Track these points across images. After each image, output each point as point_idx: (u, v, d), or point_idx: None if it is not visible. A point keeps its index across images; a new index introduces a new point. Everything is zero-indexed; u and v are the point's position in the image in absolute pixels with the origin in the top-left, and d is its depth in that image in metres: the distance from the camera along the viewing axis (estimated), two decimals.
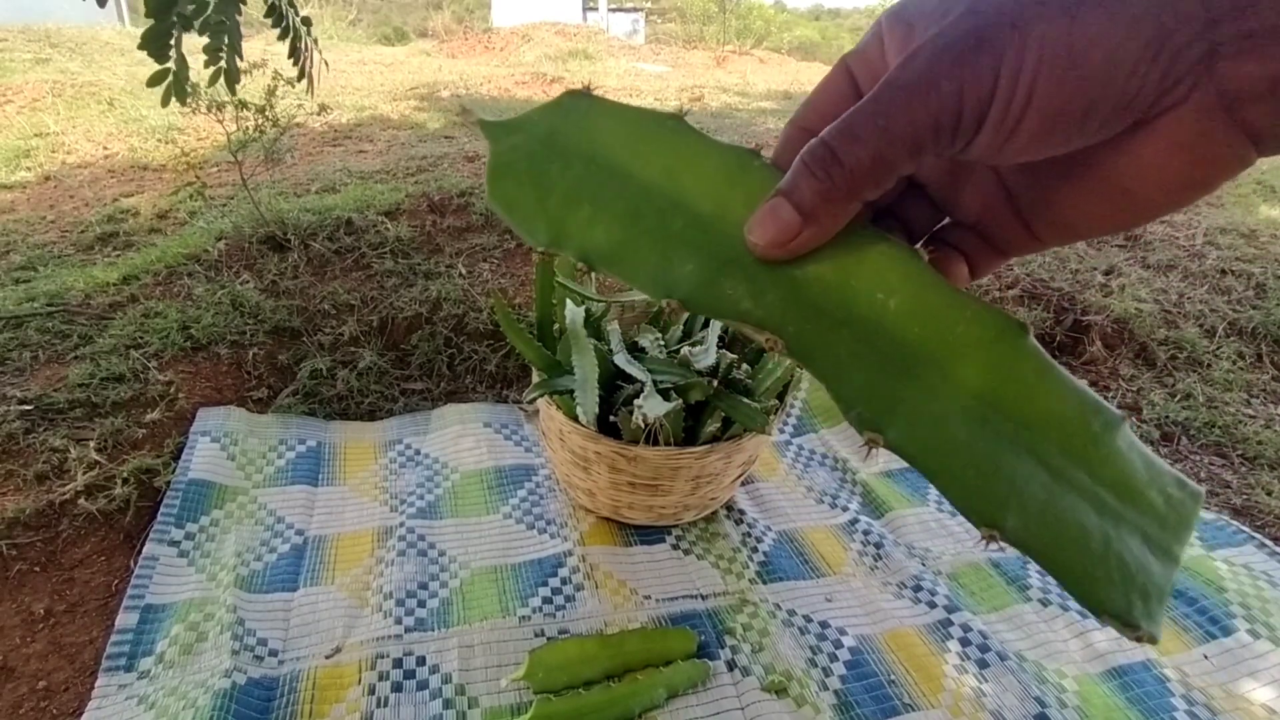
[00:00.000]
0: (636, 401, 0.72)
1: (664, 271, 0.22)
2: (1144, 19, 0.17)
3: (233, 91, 1.19)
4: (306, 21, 1.24)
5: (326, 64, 1.34)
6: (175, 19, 1.00)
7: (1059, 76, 0.17)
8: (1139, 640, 0.19)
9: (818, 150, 0.20)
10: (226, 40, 1.09)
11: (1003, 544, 0.20)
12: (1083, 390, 0.22)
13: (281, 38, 1.22)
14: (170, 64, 1.07)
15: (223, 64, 1.12)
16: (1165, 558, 0.20)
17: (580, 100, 0.26)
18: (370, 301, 1.25)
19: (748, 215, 0.22)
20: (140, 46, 1.01)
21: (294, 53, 1.23)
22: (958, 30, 0.18)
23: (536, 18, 9.07)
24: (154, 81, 1.09)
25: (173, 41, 1.03)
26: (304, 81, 1.28)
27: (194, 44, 1.09)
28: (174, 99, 1.10)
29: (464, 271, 1.36)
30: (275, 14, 1.18)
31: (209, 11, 1.04)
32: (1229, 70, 0.17)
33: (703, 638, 0.72)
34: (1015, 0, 0.17)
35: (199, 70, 1.12)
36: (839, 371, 0.22)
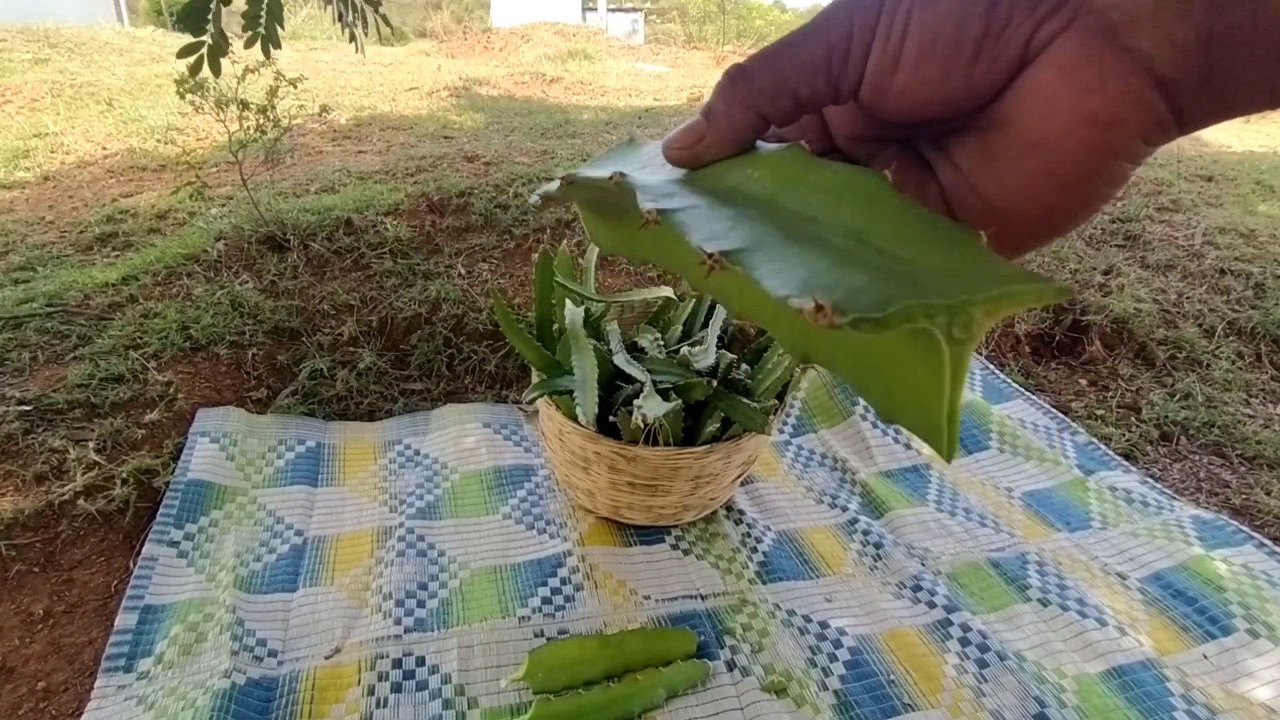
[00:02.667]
0: (636, 402, 0.72)
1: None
2: None
3: (267, 55, 1.20)
4: None
5: (388, 23, 1.33)
6: None
7: (929, 3, 0.19)
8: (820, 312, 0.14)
9: (732, 67, 0.22)
10: (265, 6, 1.09)
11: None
12: (941, 219, 0.19)
13: (326, 3, 1.22)
14: (206, 37, 1.07)
15: (261, 29, 1.12)
16: (883, 290, 0.16)
17: (629, 147, 0.26)
18: (370, 302, 1.25)
19: None
20: (177, 22, 1.03)
21: (341, 17, 1.23)
22: None
23: (535, 18, 9.07)
24: (186, 52, 1.09)
25: (210, 15, 1.03)
26: (353, 44, 1.28)
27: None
28: (206, 71, 1.10)
29: (463, 271, 1.36)
30: None
31: None
32: None
33: (702, 638, 0.72)
34: None
35: (240, 56, 1.13)
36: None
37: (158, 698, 0.63)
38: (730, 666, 0.70)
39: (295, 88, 1.42)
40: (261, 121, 1.41)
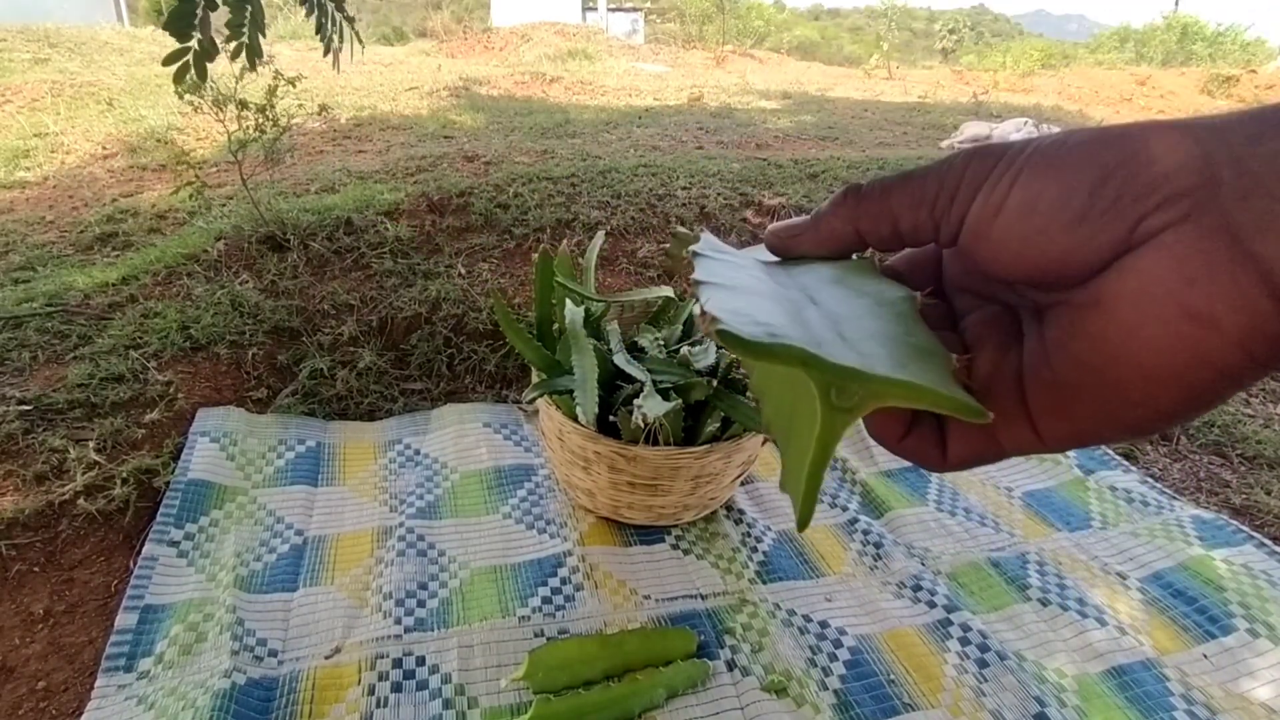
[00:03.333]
0: (636, 401, 0.72)
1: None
2: (1129, 138, 0.18)
3: (253, 67, 1.20)
4: None
5: (360, 40, 1.33)
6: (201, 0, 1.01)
7: (1041, 167, 0.19)
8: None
9: (852, 185, 0.24)
10: (249, 15, 1.10)
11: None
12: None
13: (308, 15, 1.22)
14: (191, 43, 1.07)
15: (244, 39, 1.12)
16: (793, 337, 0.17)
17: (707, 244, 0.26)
18: (370, 301, 1.25)
19: None
20: (164, 27, 1.03)
21: (320, 29, 1.24)
22: (971, 151, 0.21)
23: (536, 18, 9.07)
24: (171, 60, 1.09)
25: (196, 21, 1.03)
26: (329, 57, 1.28)
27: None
28: (192, 76, 1.10)
29: (463, 271, 1.36)
30: None
31: None
32: (1234, 205, 0.16)
33: (702, 638, 0.72)
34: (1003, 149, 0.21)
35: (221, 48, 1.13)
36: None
37: (158, 697, 0.63)
38: (730, 666, 0.70)
39: (294, 87, 1.42)
40: (261, 121, 1.41)
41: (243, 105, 1.37)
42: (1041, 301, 0.22)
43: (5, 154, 2.51)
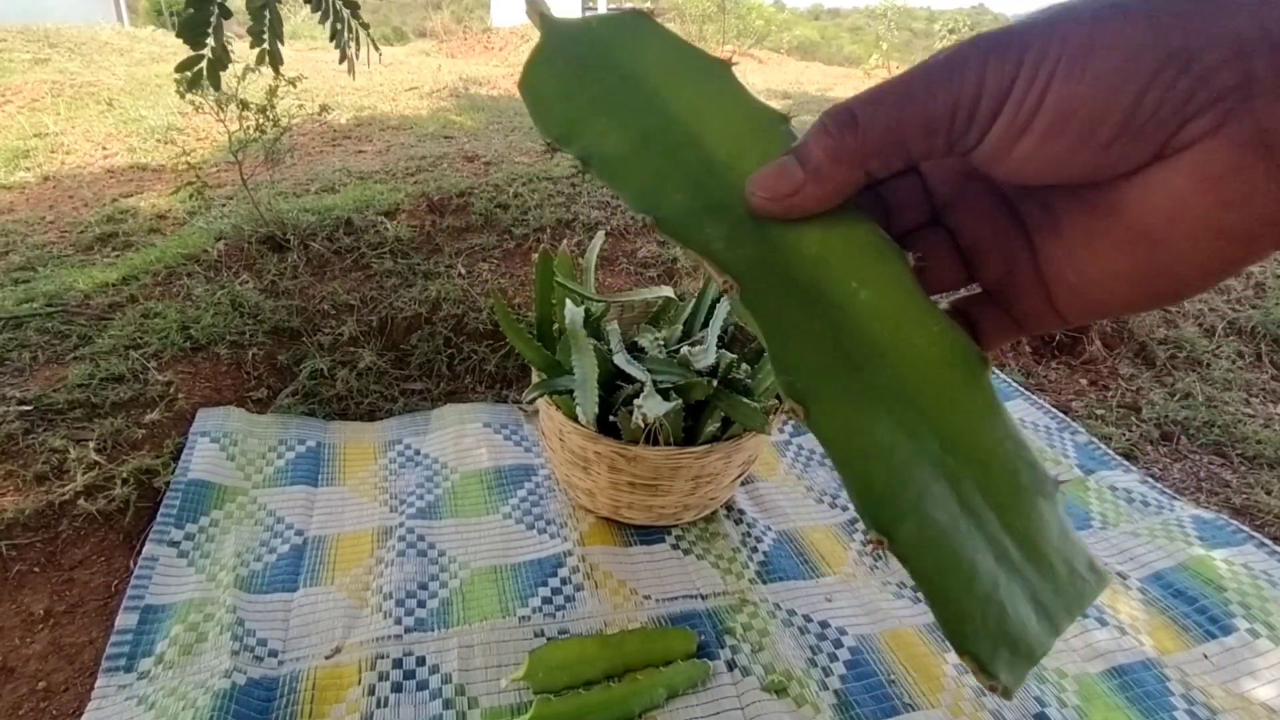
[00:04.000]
0: (636, 401, 0.72)
1: (654, 191, 0.23)
2: (1171, 30, 0.16)
3: (276, 72, 1.21)
4: (352, 5, 1.24)
5: (376, 46, 1.34)
6: (215, 7, 1.01)
7: (1074, 75, 0.17)
8: (992, 690, 0.18)
9: (838, 112, 0.20)
10: (268, 23, 1.10)
11: (887, 554, 0.20)
12: (1024, 446, 0.22)
13: (322, 21, 1.23)
14: (205, 50, 1.08)
15: (266, 45, 1.13)
16: (1048, 624, 0.21)
17: (640, 21, 0.26)
18: (370, 301, 1.25)
19: (754, 168, 0.23)
20: (178, 34, 1.03)
21: (335, 35, 1.24)
22: (998, 29, 0.18)
23: None
24: (184, 67, 1.10)
25: (210, 29, 1.04)
26: (344, 64, 1.29)
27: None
28: (205, 83, 1.12)
29: (463, 271, 1.36)
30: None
31: None
32: (1268, 106, 0.15)
33: (703, 638, 0.72)
34: (1060, 5, 0.17)
35: (240, 54, 1.14)
36: (786, 336, 0.21)
37: (158, 698, 0.63)
38: (730, 666, 0.70)
39: (295, 87, 1.42)
40: (261, 121, 1.41)
41: (243, 105, 1.37)
42: (1050, 202, 0.21)
43: (5, 154, 2.51)
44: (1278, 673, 0.72)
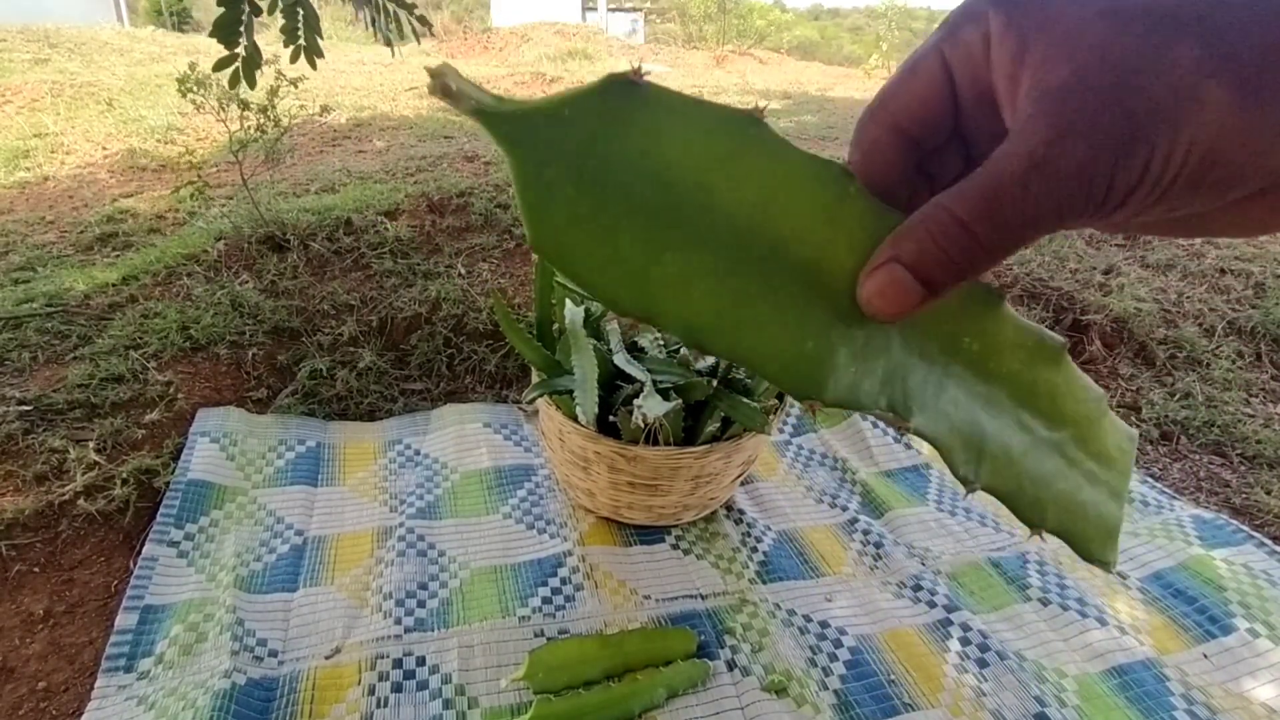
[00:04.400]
0: (636, 401, 0.72)
1: (796, 360, 0.20)
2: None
3: (313, 66, 1.21)
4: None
5: (427, 23, 1.34)
6: (247, 5, 1.01)
7: (1204, 168, 0.17)
8: (1108, 570, 0.22)
9: (951, 228, 0.19)
10: (301, 19, 1.11)
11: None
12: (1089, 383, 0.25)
13: (357, 11, 1.23)
14: (239, 49, 1.08)
15: (301, 41, 1.13)
16: (1117, 499, 0.23)
17: (630, 90, 0.19)
18: (369, 302, 1.25)
19: (851, 263, 0.20)
20: (211, 34, 1.05)
21: (374, 23, 1.25)
22: (1110, 116, 0.17)
23: (535, 18, 9.07)
24: (221, 66, 1.11)
25: (242, 28, 1.04)
26: (389, 47, 1.29)
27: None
28: (243, 82, 1.13)
29: (463, 271, 1.36)
30: None
31: None
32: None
33: (703, 638, 0.72)
34: (1163, 70, 0.17)
35: (275, 52, 1.14)
36: (939, 414, 0.22)
37: (158, 698, 0.63)
38: (730, 666, 0.70)
39: (295, 87, 1.42)
40: (262, 121, 1.41)
41: (243, 105, 1.37)
42: None
43: (5, 154, 2.51)
44: (1278, 673, 0.72)
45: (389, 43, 1.27)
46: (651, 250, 0.19)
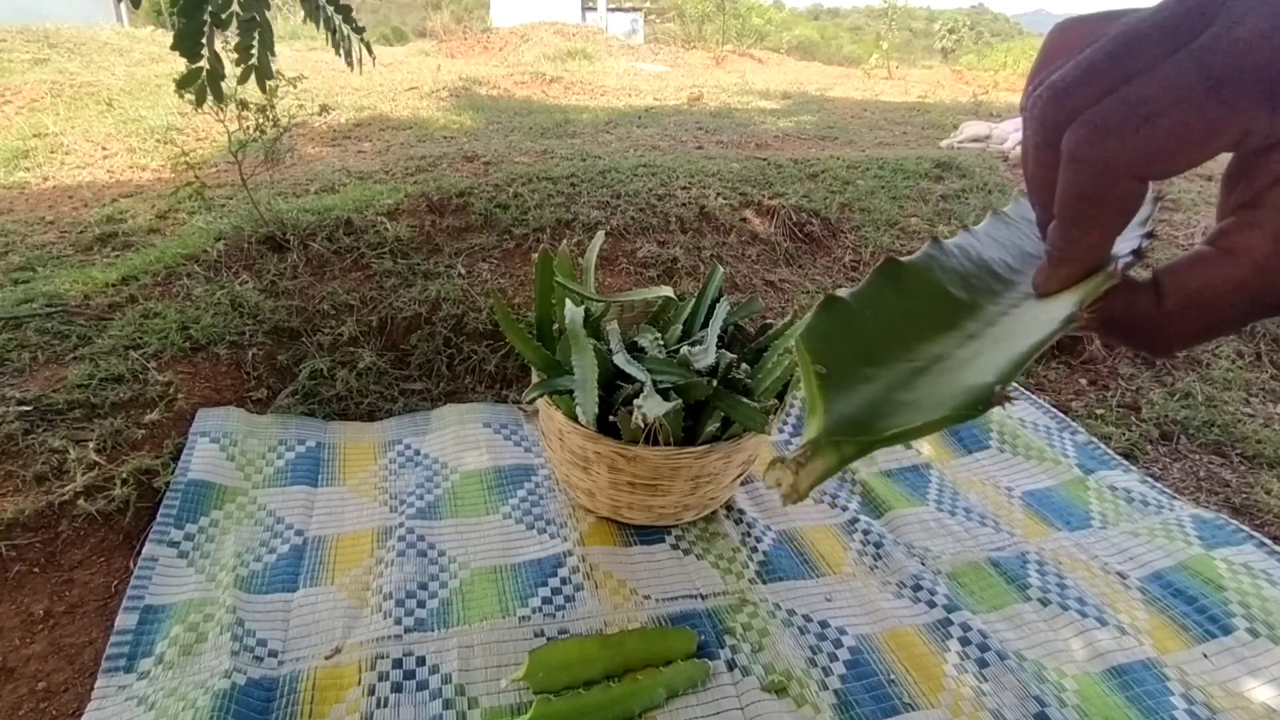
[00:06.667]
0: (636, 401, 0.72)
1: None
2: None
3: (262, 89, 1.19)
4: (344, 10, 1.24)
5: (370, 51, 1.33)
6: (207, 18, 0.99)
7: None
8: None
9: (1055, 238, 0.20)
10: (257, 36, 1.08)
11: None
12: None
13: (317, 27, 1.22)
14: (203, 63, 1.06)
15: (254, 61, 1.11)
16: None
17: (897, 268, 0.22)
18: (369, 302, 1.24)
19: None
20: (173, 47, 1.01)
21: (333, 38, 1.24)
22: None
23: (535, 17, 9.07)
24: (186, 82, 1.08)
25: (204, 40, 1.02)
26: (345, 60, 1.29)
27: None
28: (209, 98, 1.10)
29: (463, 271, 1.36)
30: (310, 5, 1.18)
31: (234, 6, 1.03)
32: None
33: (703, 638, 0.72)
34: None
35: (230, 69, 1.12)
36: None
37: (158, 698, 0.63)
38: (730, 666, 0.70)
39: (295, 87, 1.43)
40: (261, 121, 1.41)
41: (243, 105, 1.37)
42: None
43: (5, 154, 2.51)
44: (1277, 672, 0.72)
45: (349, 61, 1.27)
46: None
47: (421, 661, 0.68)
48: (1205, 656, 0.75)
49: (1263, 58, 0.15)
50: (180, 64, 1.07)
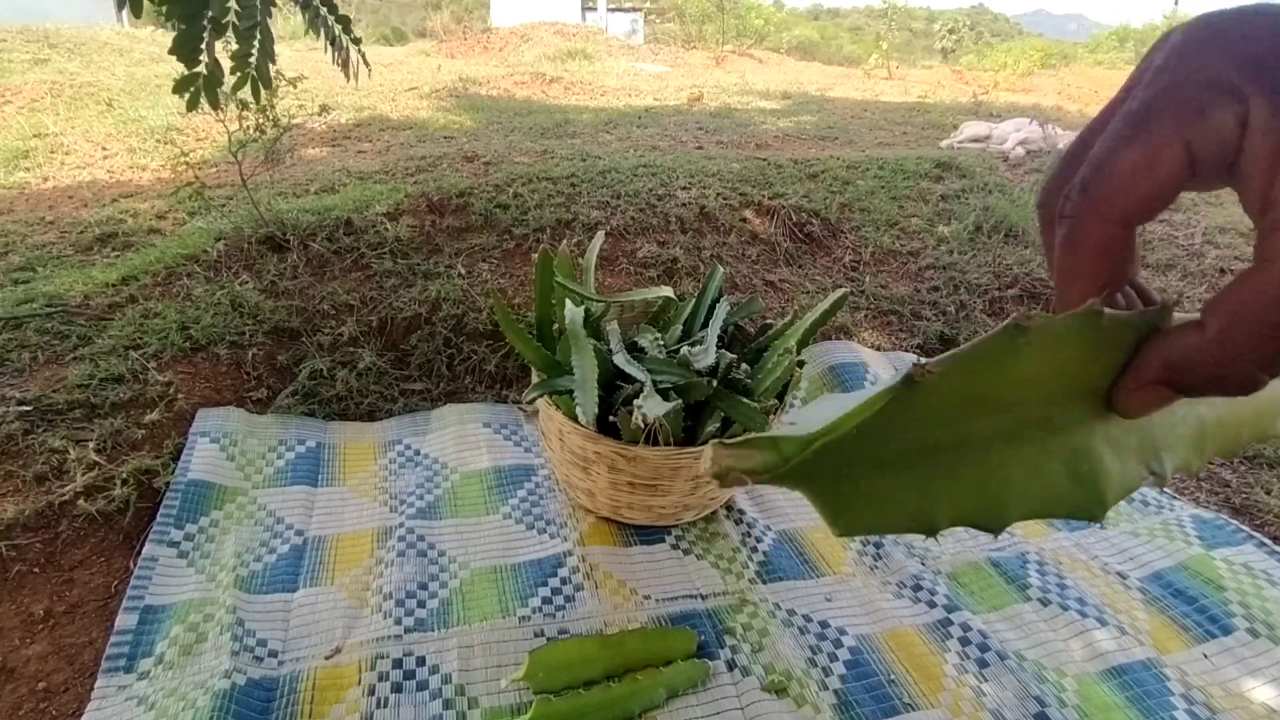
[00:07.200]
0: (636, 401, 0.72)
1: (1069, 486, 0.21)
2: None
3: (257, 100, 1.18)
4: (344, 20, 1.24)
5: (366, 62, 1.33)
6: (207, 24, 0.99)
7: None
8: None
9: (1205, 353, 0.19)
10: (257, 43, 1.07)
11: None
12: None
13: (316, 35, 1.22)
14: (200, 69, 1.05)
15: (251, 70, 1.09)
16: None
17: (910, 390, 0.20)
18: (369, 302, 1.25)
19: (1104, 379, 0.21)
20: (171, 52, 1.00)
21: (331, 44, 1.24)
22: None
23: (535, 18, 9.08)
24: (181, 87, 1.07)
25: (203, 46, 1.02)
26: (343, 69, 1.28)
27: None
28: (203, 102, 1.09)
29: (463, 271, 1.36)
30: (311, 14, 1.17)
31: (230, 14, 1.02)
32: None
33: (703, 638, 0.72)
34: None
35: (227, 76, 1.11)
36: None
37: (158, 698, 0.63)
38: (730, 666, 0.70)
39: (295, 87, 1.43)
40: (261, 121, 1.41)
41: (243, 105, 1.37)
42: None
43: (5, 154, 2.51)
44: (1278, 672, 0.72)
45: (345, 67, 1.27)
46: (950, 474, 0.20)
47: (421, 661, 0.68)
48: (1205, 657, 0.75)
49: (1165, 85, 0.18)
50: (177, 65, 1.06)
